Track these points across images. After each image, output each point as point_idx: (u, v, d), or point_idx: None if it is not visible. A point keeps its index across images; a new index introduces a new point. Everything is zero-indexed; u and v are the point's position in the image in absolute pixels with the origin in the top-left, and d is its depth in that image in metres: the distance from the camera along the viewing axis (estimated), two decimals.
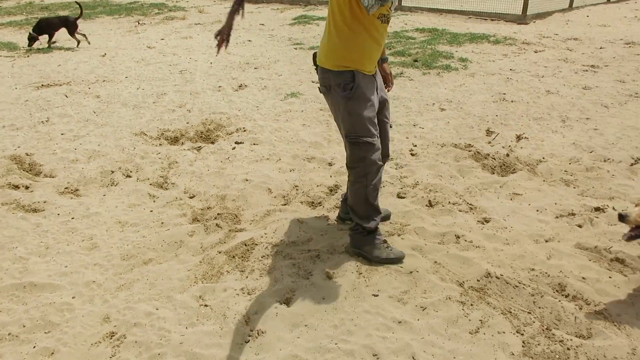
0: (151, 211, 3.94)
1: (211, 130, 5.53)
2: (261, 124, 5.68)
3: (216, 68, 8.20)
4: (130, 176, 4.51)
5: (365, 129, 3.05)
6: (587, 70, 7.81)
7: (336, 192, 4.17)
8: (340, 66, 2.99)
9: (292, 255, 3.33)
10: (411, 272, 3.14)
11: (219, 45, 2.67)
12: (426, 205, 3.98)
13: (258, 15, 14.31)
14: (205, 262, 3.30)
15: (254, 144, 5.16)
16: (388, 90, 3.50)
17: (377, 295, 2.96)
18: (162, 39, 10.63)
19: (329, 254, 3.33)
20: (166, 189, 4.31)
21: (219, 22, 12.73)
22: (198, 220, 3.80)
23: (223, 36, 2.67)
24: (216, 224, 3.71)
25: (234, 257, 3.34)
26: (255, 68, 8.15)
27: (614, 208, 3.90)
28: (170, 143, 5.26)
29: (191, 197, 4.15)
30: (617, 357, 2.51)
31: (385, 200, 4.04)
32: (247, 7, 16.03)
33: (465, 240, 3.48)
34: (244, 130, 5.52)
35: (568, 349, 2.56)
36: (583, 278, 3.10)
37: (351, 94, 2.99)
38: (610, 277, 3.11)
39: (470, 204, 3.97)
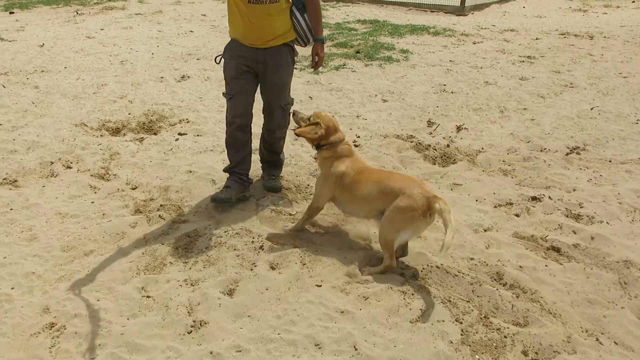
0: (92, 202, 3.86)
1: (154, 122, 5.43)
2: (205, 115, 5.62)
3: (158, 59, 8.03)
4: (70, 167, 4.39)
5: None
6: (523, 61, 8.10)
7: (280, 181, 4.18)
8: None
9: (235, 247, 3.33)
10: (353, 262, 3.21)
11: None
12: None
13: (200, 5, 14.06)
14: (148, 253, 3.26)
15: (198, 135, 5.11)
16: (314, 69, 3.91)
17: (320, 286, 3.00)
18: (102, 29, 10.30)
19: (273, 244, 3.35)
20: (108, 180, 4.22)
21: (160, 12, 12.45)
22: (140, 212, 3.74)
23: None
24: (159, 216, 3.67)
25: (177, 248, 3.31)
26: (197, 59, 8.03)
27: (550, 197, 4.08)
28: (111, 134, 5.14)
29: (133, 189, 4.08)
30: (553, 344, 2.63)
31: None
32: None
33: None
34: (187, 122, 5.45)
35: (505, 336, 2.67)
36: (520, 267, 3.23)
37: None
38: (546, 266, 3.26)
39: None
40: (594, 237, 3.58)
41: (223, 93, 3.83)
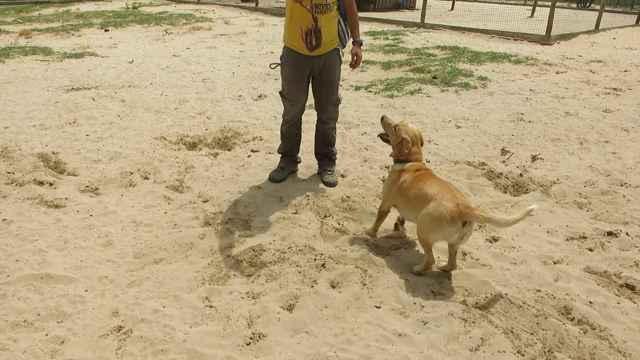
0: (165, 213, 4.03)
1: (228, 138, 5.63)
2: (277, 134, 5.74)
3: (238, 78, 8.34)
4: (148, 178, 4.62)
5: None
6: (609, 93, 7.77)
7: (347, 203, 4.21)
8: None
9: (298, 263, 3.38)
10: (415, 286, 3.17)
11: None
12: None
13: (282, 28, 14.48)
14: (213, 264, 3.37)
15: (269, 153, 5.24)
16: (352, 68, 4.30)
17: (379, 307, 2.99)
18: (188, 48, 10.84)
19: (335, 263, 3.37)
20: (181, 192, 4.40)
21: (244, 33, 12.94)
22: (210, 224, 3.87)
23: None
24: (227, 229, 3.79)
25: (241, 261, 3.40)
26: (275, 79, 8.26)
27: (627, 233, 3.88)
28: (188, 148, 5.37)
29: (205, 201, 4.23)
30: None
31: (394, 214, 4.07)
32: (272, 19, 16.29)
33: (472, 258, 3.49)
34: (261, 139, 5.61)
35: None
36: (590, 302, 3.09)
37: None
38: (618, 303, 3.09)
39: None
40: None
41: (281, 92, 4.42)
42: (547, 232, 3.90)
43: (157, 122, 6.05)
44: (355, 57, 4.24)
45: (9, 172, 4.57)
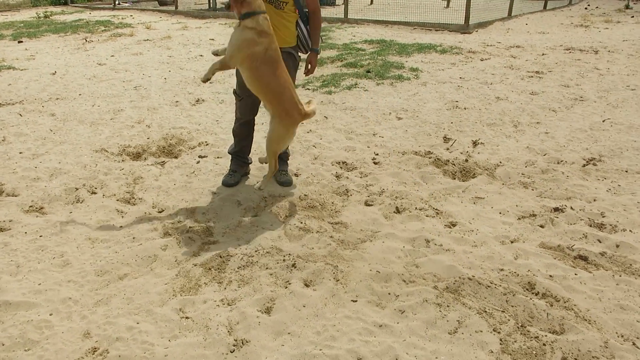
0: (121, 227, 3.90)
1: (173, 145, 5.50)
2: (223, 138, 5.68)
3: (171, 83, 8.14)
4: (95, 193, 4.44)
5: None
6: (532, 77, 8.19)
7: (306, 201, 4.23)
8: None
9: (268, 265, 3.37)
10: (387, 277, 3.24)
11: None
12: (394, 212, 4.09)
13: (207, 30, 14.28)
14: (181, 275, 3.29)
15: (218, 158, 5.17)
16: (306, 75, 4.47)
17: (355, 301, 3.03)
18: (112, 56, 10.47)
19: (304, 262, 3.38)
20: (134, 204, 4.26)
21: (168, 37, 12.64)
22: (169, 234, 3.78)
23: None
24: (188, 237, 3.71)
25: (210, 269, 3.35)
26: (210, 82, 8.14)
27: (571, 208, 4.12)
28: (132, 159, 5.20)
29: (160, 212, 4.12)
30: (591, 350, 2.65)
31: (353, 208, 4.14)
32: (195, 22, 16.02)
33: (435, 244, 3.60)
34: (206, 144, 5.52)
35: (544, 344, 2.69)
36: (550, 276, 3.26)
37: None
38: (576, 274, 3.28)
39: (436, 209, 4.11)
40: (619, 245, 3.62)
41: (234, 90, 4.45)
42: (500, 213, 4.08)
43: (94, 134, 5.82)
44: (309, 65, 4.34)
45: None
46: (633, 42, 11.32)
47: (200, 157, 5.19)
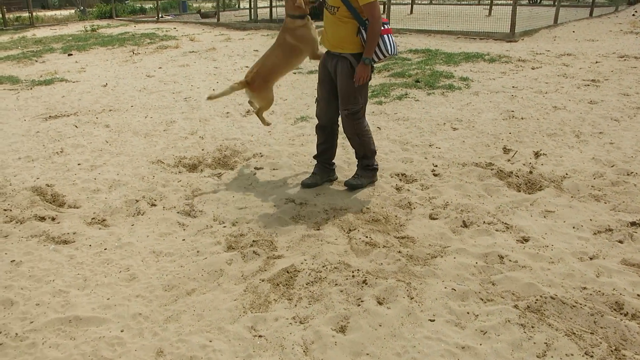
0: (184, 240, 3.86)
1: (228, 157, 5.48)
2: (277, 149, 5.64)
3: None
4: (155, 205, 4.43)
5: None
6: (588, 85, 7.92)
7: (368, 214, 4.12)
8: None
9: (337, 281, 3.26)
10: (463, 295, 3.10)
11: None
12: (461, 226, 3.95)
13: (250, 42, 14.38)
14: (250, 290, 3.22)
15: (274, 169, 5.12)
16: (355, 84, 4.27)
17: (433, 321, 2.90)
18: (160, 68, 10.61)
19: (375, 278, 3.26)
20: (194, 216, 4.23)
21: (213, 49, 12.76)
22: (233, 248, 3.72)
23: None
24: (253, 251, 3.64)
25: (278, 284, 3.26)
26: None
27: None
28: (189, 170, 5.19)
29: (222, 225, 4.08)
30: None
31: (418, 222, 4.01)
32: (237, 34, 16.15)
33: (510, 260, 3.44)
34: (261, 156, 5.48)
35: None
36: (638, 295, 3.07)
37: None
38: None
39: (505, 223, 3.95)
40: None
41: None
42: (573, 227, 3.89)
43: (150, 146, 5.85)
44: (357, 74, 4.20)
45: (5, 210, 4.32)
46: None
47: (256, 168, 5.14)
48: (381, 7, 20.31)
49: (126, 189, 4.71)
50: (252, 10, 19.95)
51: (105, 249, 3.76)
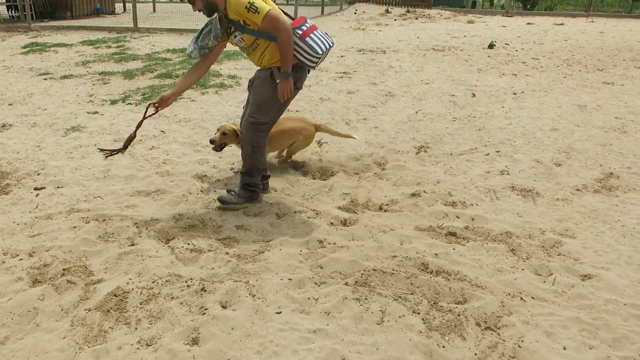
0: None
1: None
2: (55, 164, 5.07)
3: None
4: None
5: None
6: (342, 77, 8.81)
7: (183, 221, 4.01)
8: None
9: (173, 294, 3.14)
10: (299, 282, 3.26)
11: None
12: (276, 219, 4.11)
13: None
14: (77, 324, 2.89)
15: (59, 187, 4.61)
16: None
17: (280, 313, 3.00)
18: None
19: (211, 283, 3.23)
20: None
21: None
22: (40, 282, 3.28)
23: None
24: (67, 280, 3.26)
25: (108, 311, 3.00)
26: (9, 104, 7.16)
27: (424, 191, 4.58)
28: None
29: (16, 257, 3.55)
30: (494, 312, 3.02)
31: (234, 220, 4.05)
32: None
33: (329, 243, 3.72)
34: (38, 174, 4.87)
35: (458, 315, 2.98)
36: (436, 254, 3.61)
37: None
38: (454, 249, 3.68)
39: (314, 210, 4.23)
40: (474, 218, 4.15)
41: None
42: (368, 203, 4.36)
43: None
44: (279, 89, 3.95)
45: None
46: (407, 42, 12.83)
47: (37, 189, 4.56)
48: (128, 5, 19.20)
49: None
50: None
51: None
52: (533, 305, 3.11)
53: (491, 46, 11.74)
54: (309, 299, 3.12)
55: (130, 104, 7.17)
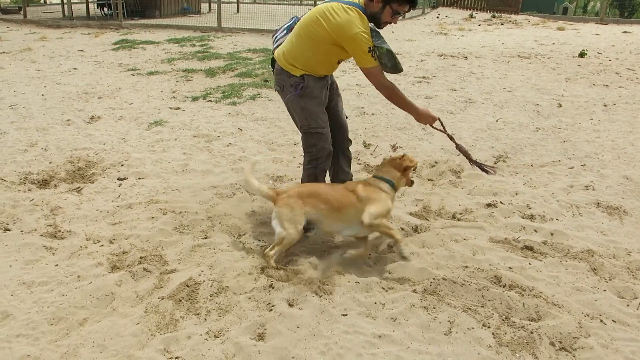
0: (57, 265, 3.45)
1: (83, 169, 5.01)
2: (137, 157, 5.30)
3: (53, 100, 7.42)
4: (9, 229, 3.89)
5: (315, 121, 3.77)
6: (420, 82, 8.67)
7: (254, 217, 4.08)
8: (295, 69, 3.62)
9: (242, 289, 3.19)
10: (367, 286, 3.23)
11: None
12: None
13: (70, 40, 13.27)
14: (151, 311, 3.00)
15: (140, 179, 4.81)
16: None
17: (346, 315, 2.98)
18: None
19: (280, 281, 3.25)
20: (62, 238, 3.80)
21: (29, 49, 11.51)
22: (119, 268, 3.43)
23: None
24: (143, 269, 3.39)
25: (180, 300, 3.09)
26: (99, 98, 7.55)
27: (501, 202, 4.42)
28: (39, 187, 4.64)
29: (97, 243, 3.73)
30: (570, 332, 2.86)
31: None
32: (52, 32, 14.78)
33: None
34: (122, 165, 5.11)
35: (531, 332, 2.85)
36: (510, 268, 3.46)
37: (301, 92, 3.65)
38: (530, 264, 3.52)
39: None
40: (553, 233, 3.95)
41: (302, 126, 3.97)
42: (440, 211, 4.25)
43: None
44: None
45: None
46: (491, 49, 12.45)
47: (119, 179, 4.78)
48: (213, 5, 19.70)
49: None
50: (66, 6, 18.33)
51: None
52: (614, 329, 2.92)
53: (582, 55, 11.18)
54: (375, 303, 3.08)
55: (211, 101, 7.39)
